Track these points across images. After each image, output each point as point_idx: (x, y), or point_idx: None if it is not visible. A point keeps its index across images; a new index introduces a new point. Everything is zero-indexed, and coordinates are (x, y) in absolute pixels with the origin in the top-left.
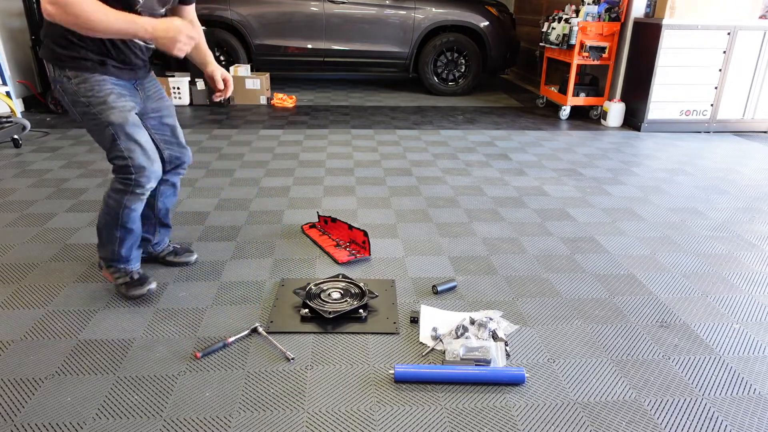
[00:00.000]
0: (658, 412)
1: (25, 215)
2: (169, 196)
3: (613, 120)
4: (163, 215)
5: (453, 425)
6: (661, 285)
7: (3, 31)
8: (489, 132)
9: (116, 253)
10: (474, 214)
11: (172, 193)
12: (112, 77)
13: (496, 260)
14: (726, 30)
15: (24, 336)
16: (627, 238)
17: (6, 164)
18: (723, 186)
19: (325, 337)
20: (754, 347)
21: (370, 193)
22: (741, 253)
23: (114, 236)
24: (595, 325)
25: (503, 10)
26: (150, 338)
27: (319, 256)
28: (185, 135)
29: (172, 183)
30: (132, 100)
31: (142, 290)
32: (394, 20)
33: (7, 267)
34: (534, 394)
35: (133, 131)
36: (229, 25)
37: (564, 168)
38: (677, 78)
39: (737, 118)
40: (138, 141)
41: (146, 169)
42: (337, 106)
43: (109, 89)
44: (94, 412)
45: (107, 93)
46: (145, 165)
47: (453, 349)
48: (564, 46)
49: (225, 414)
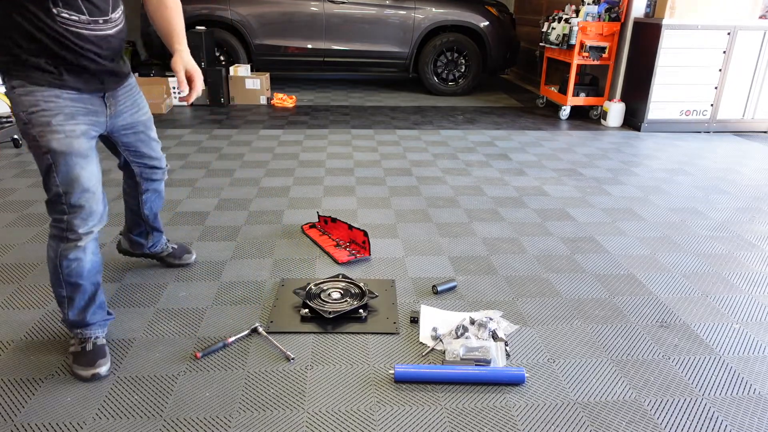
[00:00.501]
0: (658, 412)
1: (25, 215)
2: (154, 200)
3: (613, 120)
4: (152, 220)
5: (453, 425)
6: (661, 285)
7: None
8: (489, 132)
9: (65, 316)
10: (474, 214)
11: (157, 197)
12: (70, 91)
13: (496, 260)
14: (726, 30)
15: (24, 336)
16: (627, 238)
17: (6, 164)
18: (723, 186)
19: (325, 337)
20: (754, 347)
21: (370, 193)
22: (741, 253)
23: (60, 295)
24: (595, 325)
25: (503, 10)
26: (150, 338)
27: (319, 256)
28: (186, 135)
29: (154, 189)
30: (89, 121)
31: (86, 373)
32: (394, 20)
33: (7, 267)
34: (534, 394)
35: (75, 163)
36: (229, 25)
37: (564, 168)
38: (677, 78)
39: (737, 118)
40: (79, 177)
41: (83, 210)
42: (337, 106)
43: (58, 108)
44: (94, 412)
45: (53, 113)
46: (83, 205)
47: (453, 349)
48: (564, 46)
49: (225, 414)
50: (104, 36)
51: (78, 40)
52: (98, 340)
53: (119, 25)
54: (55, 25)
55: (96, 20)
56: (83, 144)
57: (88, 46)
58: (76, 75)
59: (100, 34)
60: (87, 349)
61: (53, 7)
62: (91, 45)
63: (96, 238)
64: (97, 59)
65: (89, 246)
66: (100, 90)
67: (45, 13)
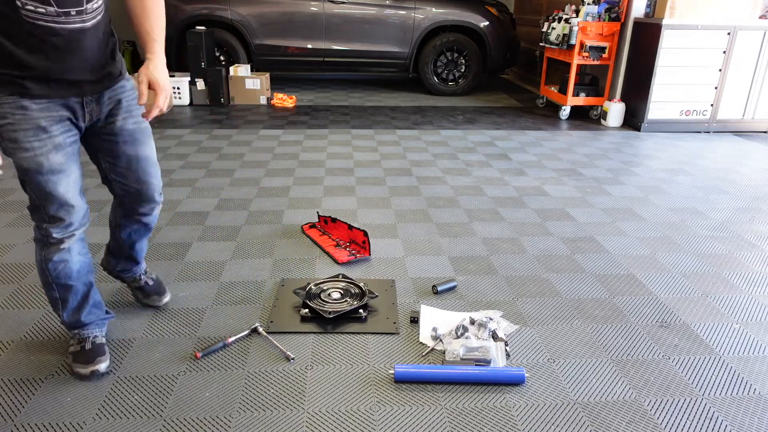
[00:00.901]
0: (658, 412)
1: (25, 215)
2: (137, 230)
3: (613, 120)
4: (129, 248)
5: (453, 425)
6: (661, 285)
7: None
8: (489, 132)
9: (61, 318)
10: (474, 214)
11: (141, 229)
12: (40, 100)
13: (496, 260)
14: (726, 30)
15: (24, 336)
16: (627, 238)
17: (6, 164)
18: (723, 186)
19: (325, 337)
20: (754, 347)
21: (370, 193)
22: (741, 253)
23: (52, 297)
24: (595, 325)
25: (503, 10)
26: (150, 338)
27: (319, 256)
28: (185, 135)
29: (138, 220)
30: (64, 129)
31: (85, 370)
32: (394, 20)
33: (7, 267)
34: (534, 394)
35: (47, 180)
36: (229, 25)
37: (564, 168)
38: (677, 78)
39: (737, 118)
40: (53, 193)
41: (62, 221)
42: (337, 106)
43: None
44: (94, 412)
45: (21, 127)
46: (61, 217)
47: (453, 349)
48: (564, 46)
49: (225, 414)
50: (79, 30)
51: (48, 37)
52: (97, 339)
53: (97, 16)
54: (20, 20)
55: (67, 11)
56: (56, 159)
57: (60, 43)
58: (44, 81)
59: (73, 27)
60: (86, 348)
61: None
62: (63, 42)
63: (82, 239)
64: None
65: (74, 247)
66: (74, 95)
67: (8, 7)
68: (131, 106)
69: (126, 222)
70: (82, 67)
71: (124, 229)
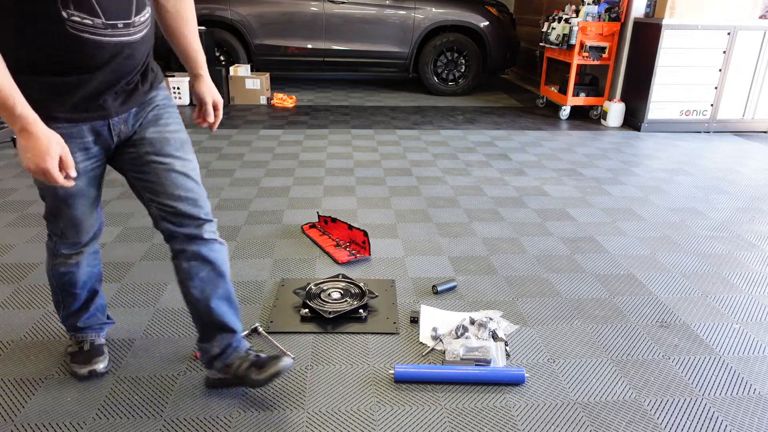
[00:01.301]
0: (658, 412)
1: (25, 215)
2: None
3: (613, 120)
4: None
5: (453, 425)
6: (661, 285)
7: None
8: (489, 132)
9: (61, 318)
10: (474, 214)
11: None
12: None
13: (496, 260)
14: (726, 30)
15: (24, 336)
16: (627, 238)
17: (6, 164)
18: (723, 186)
19: (325, 337)
20: (754, 347)
21: (370, 193)
22: (741, 253)
23: (56, 300)
24: (595, 325)
25: (503, 10)
26: (150, 338)
27: (319, 256)
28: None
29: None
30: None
31: (83, 370)
32: (394, 20)
33: (7, 267)
34: (534, 394)
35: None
36: (229, 25)
37: (564, 168)
38: (677, 78)
39: (737, 118)
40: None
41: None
42: (337, 106)
43: None
44: (94, 412)
45: None
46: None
47: (453, 349)
48: (564, 46)
49: (225, 414)
50: (123, 44)
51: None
52: (95, 340)
53: (143, 30)
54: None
55: (114, 24)
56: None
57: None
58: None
59: (117, 41)
60: (84, 348)
61: (63, 9)
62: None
63: (94, 251)
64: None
65: (83, 261)
66: (100, 118)
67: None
68: (158, 115)
69: (189, 265)
70: (116, 85)
71: (193, 279)
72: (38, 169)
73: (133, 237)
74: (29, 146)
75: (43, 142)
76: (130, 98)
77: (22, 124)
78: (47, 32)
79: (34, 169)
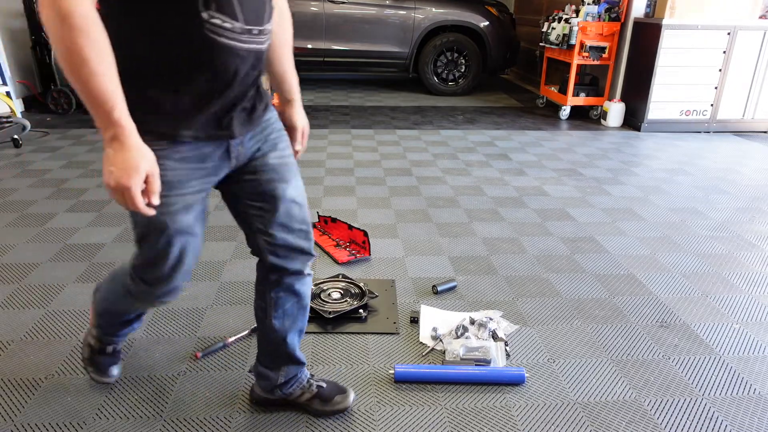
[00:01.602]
0: (658, 412)
1: (26, 215)
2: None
3: (613, 120)
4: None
5: (453, 425)
6: (661, 285)
7: (3, 31)
8: (489, 132)
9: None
10: (474, 214)
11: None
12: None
13: (496, 260)
14: (726, 30)
15: (24, 336)
16: (627, 238)
17: (6, 164)
18: (723, 186)
19: (325, 337)
20: (754, 347)
21: (370, 193)
22: (741, 253)
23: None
24: (595, 325)
25: (503, 10)
26: (150, 338)
27: (319, 256)
28: None
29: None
30: (201, 185)
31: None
32: (394, 20)
33: (7, 267)
34: (534, 394)
35: (173, 238)
36: None
37: (564, 168)
38: (677, 78)
39: (737, 118)
40: (171, 255)
41: (165, 285)
42: (337, 106)
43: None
44: (94, 412)
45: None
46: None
47: (453, 349)
48: (564, 46)
49: (225, 414)
50: (254, 52)
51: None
52: (117, 347)
53: (268, 40)
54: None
55: (251, 29)
56: (185, 220)
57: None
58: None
59: (250, 48)
60: (106, 350)
61: (204, 9)
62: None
63: None
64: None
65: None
66: (226, 137)
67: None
68: (276, 138)
69: (277, 295)
70: (242, 101)
71: (277, 309)
72: (119, 186)
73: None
74: (117, 159)
75: (134, 156)
76: (250, 118)
77: (115, 133)
78: (182, 35)
79: (114, 186)
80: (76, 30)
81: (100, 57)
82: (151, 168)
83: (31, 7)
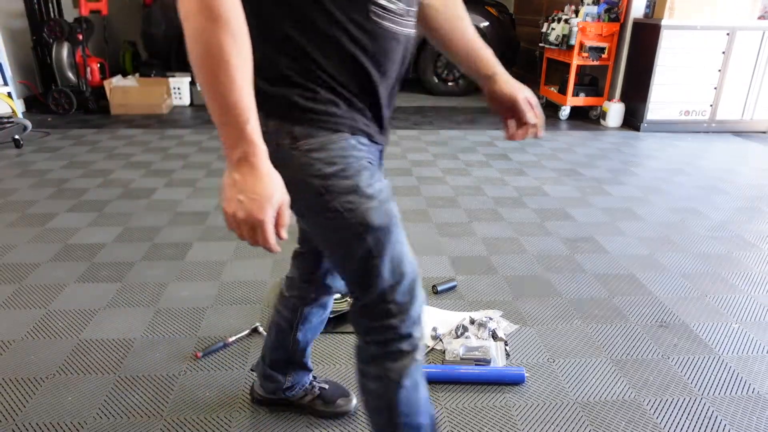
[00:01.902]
0: (658, 411)
1: (26, 215)
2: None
3: (613, 120)
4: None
5: (453, 425)
6: (661, 285)
7: (4, 31)
8: (489, 132)
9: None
10: (474, 214)
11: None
12: (361, 138)
13: (496, 260)
14: (725, 30)
15: (24, 336)
16: (627, 238)
17: (7, 164)
18: (722, 186)
19: (325, 337)
20: (754, 347)
21: None
22: (740, 253)
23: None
24: (595, 325)
25: (503, 10)
26: (150, 338)
27: None
28: (186, 135)
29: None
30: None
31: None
32: None
33: (8, 267)
34: (534, 394)
35: (397, 240)
36: None
37: (564, 168)
38: (676, 78)
39: (736, 118)
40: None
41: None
42: None
43: (360, 163)
44: (94, 412)
45: (357, 170)
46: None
47: (453, 349)
48: (564, 46)
49: (225, 414)
50: (408, 37)
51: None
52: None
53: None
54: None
55: (408, 10)
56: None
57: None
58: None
59: (407, 33)
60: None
61: None
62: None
63: None
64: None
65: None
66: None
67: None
68: None
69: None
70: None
71: (305, 324)
72: (250, 220)
73: (133, 237)
74: (247, 186)
75: (267, 183)
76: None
77: (246, 152)
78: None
79: (243, 218)
80: (221, 23)
81: (242, 60)
82: (283, 198)
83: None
